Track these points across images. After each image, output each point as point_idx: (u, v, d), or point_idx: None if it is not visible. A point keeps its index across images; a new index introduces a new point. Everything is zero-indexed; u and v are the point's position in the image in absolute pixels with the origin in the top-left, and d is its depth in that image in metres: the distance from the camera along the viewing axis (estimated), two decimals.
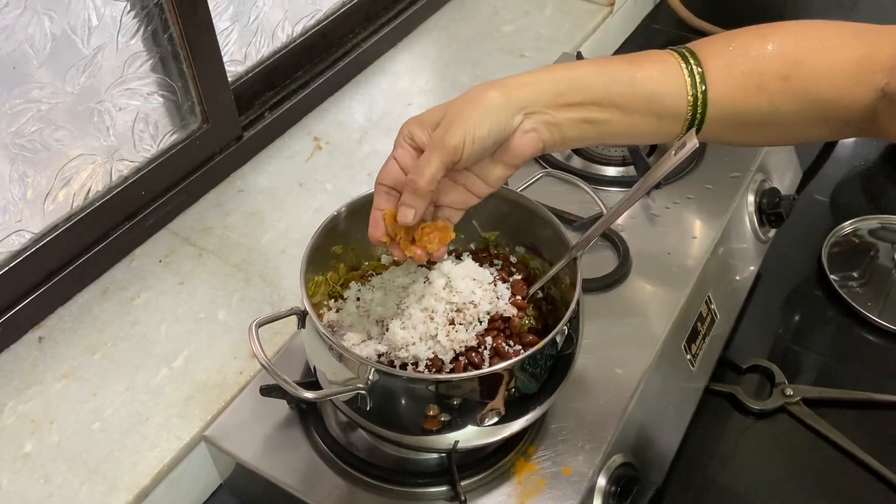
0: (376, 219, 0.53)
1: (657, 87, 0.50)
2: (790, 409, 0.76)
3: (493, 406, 0.51)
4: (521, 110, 0.50)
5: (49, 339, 0.72)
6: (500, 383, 0.50)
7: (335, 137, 0.94)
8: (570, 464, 0.57)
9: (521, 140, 0.50)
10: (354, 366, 0.52)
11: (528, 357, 0.50)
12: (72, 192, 0.73)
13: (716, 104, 0.50)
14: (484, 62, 1.05)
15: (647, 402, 0.63)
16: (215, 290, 0.76)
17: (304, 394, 0.50)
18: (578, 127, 0.51)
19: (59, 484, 0.62)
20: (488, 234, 0.65)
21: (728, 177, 0.80)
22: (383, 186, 0.53)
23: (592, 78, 0.50)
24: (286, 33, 0.94)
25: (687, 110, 0.50)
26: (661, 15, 1.31)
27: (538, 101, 0.50)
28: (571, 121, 0.51)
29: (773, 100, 0.50)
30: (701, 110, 0.50)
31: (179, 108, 0.81)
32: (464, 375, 0.51)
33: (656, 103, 0.50)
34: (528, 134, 0.50)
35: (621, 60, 0.52)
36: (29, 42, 0.64)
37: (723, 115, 0.50)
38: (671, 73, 0.50)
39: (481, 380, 0.50)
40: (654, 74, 0.50)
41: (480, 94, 0.49)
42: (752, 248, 0.81)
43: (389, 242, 0.54)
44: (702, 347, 0.72)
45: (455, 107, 0.50)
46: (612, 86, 0.50)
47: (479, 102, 0.49)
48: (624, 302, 0.69)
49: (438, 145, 0.49)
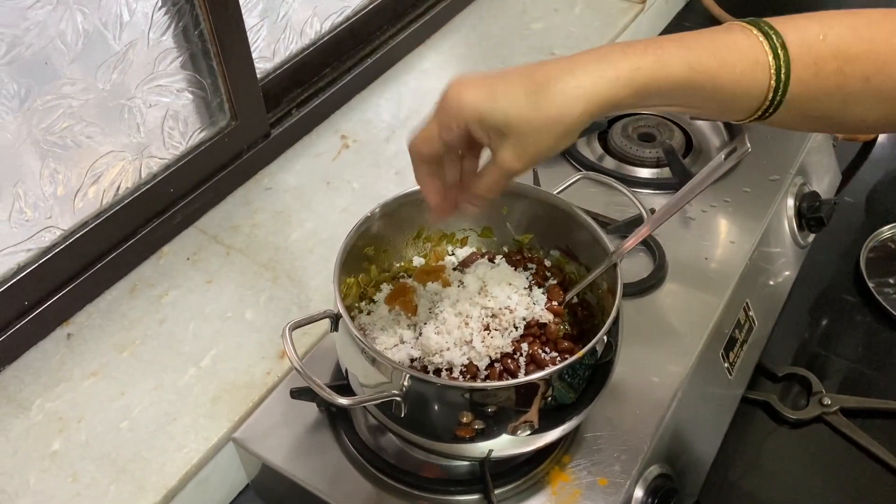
0: (430, 190, 0.51)
1: (739, 90, 0.45)
2: (828, 419, 0.74)
3: (529, 418, 0.50)
4: (596, 116, 0.46)
5: (77, 336, 0.72)
6: (538, 393, 0.49)
7: (362, 136, 0.93)
8: (606, 474, 0.56)
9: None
10: (388, 371, 0.51)
11: (567, 366, 0.49)
12: (101, 188, 0.73)
13: (792, 101, 0.46)
14: (513, 60, 1.03)
15: (684, 412, 0.61)
16: (243, 288, 0.76)
17: (339, 400, 0.49)
18: (636, 107, 0.47)
19: (86, 483, 0.62)
20: (522, 236, 0.64)
21: (767, 180, 0.78)
22: (423, 156, 0.48)
23: (674, 73, 0.44)
24: (314, 30, 0.93)
25: (761, 106, 0.46)
26: (691, 12, 1.28)
27: (614, 102, 0.45)
28: (635, 107, 0.47)
29: (850, 98, 0.46)
30: (775, 108, 0.46)
31: (209, 106, 0.80)
32: (501, 384, 0.49)
33: (733, 103, 0.47)
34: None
35: (706, 49, 0.45)
36: (61, 38, 0.63)
37: (793, 109, 0.47)
38: (757, 71, 0.45)
39: (518, 389, 0.49)
40: (740, 76, 0.45)
41: (564, 112, 0.44)
42: (790, 254, 0.79)
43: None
44: (739, 355, 0.70)
45: (530, 122, 0.44)
46: (692, 87, 0.45)
47: (560, 122, 0.44)
48: (659, 308, 0.67)
49: (504, 169, 0.46)
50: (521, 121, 0.44)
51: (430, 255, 0.65)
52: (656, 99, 0.46)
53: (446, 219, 0.54)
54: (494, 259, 0.62)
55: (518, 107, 0.44)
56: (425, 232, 0.65)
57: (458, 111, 0.45)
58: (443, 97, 0.46)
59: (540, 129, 0.45)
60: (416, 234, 0.65)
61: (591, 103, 0.44)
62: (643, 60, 0.44)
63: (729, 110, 0.48)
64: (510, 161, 0.46)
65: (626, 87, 0.44)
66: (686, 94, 0.45)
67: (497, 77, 0.45)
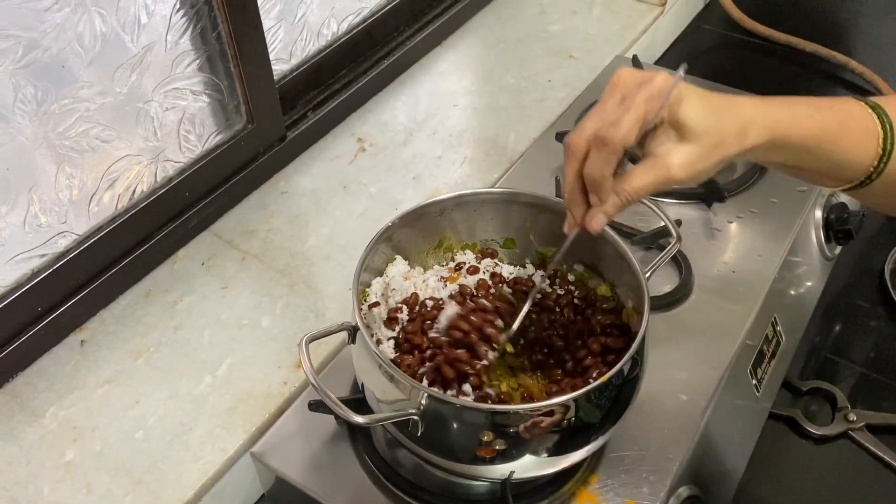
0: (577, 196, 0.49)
1: (853, 154, 0.48)
2: (853, 436, 0.72)
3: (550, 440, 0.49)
4: (749, 156, 0.47)
5: (91, 343, 0.71)
6: (562, 414, 0.48)
7: (379, 139, 0.92)
8: (634, 495, 0.55)
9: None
10: (406, 388, 0.50)
11: (593, 389, 0.47)
12: (117, 193, 0.72)
13: (887, 177, 0.49)
14: (531, 63, 1.02)
15: (712, 431, 0.60)
16: (259, 295, 0.75)
17: (355, 418, 0.48)
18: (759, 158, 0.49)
19: (101, 494, 0.61)
20: (545, 249, 0.63)
21: (794, 191, 0.77)
22: (611, 148, 0.45)
23: (805, 131, 0.47)
24: (331, 31, 0.91)
25: (866, 172, 0.49)
26: (711, 15, 1.26)
27: (752, 147, 0.47)
28: (759, 157, 0.49)
29: None
30: (877, 175, 0.49)
31: (225, 108, 0.79)
32: (524, 407, 0.48)
33: (844, 166, 0.49)
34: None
35: (830, 113, 0.49)
36: (78, 40, 0.62)
37: (889, 182, 0.50)
38: (869, 139, 0.48)
39: (541, 410, 0.48)
40: (856, 141, 0.48)
41: (741, 136, 0.46)
42: (817, 266, 0.78)
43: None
44: (767, 371, 0.68)
45: (711, 134, 0.45)
46: (817, 145, 0.48)
47: (734, 144, 0.45)
48: (686, 322, 0.66)
49: (667, 171, 0.45)
50: (705, 129, 0.45)
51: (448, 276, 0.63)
52: (781, 152, 0.48)
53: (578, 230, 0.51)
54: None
55: (707, 115, 0.45)
56: (446, 241, 0.64)
57: (667, 95, 0.44)
58: (649, 82, 0.45)
59: (717, 144, 0.45)
60: (436, 243, 0.64)
61: (755, 138, 0.46)
62: (781, 114, 0.47)
63: (837, 173, 0.50)
64: (677, 166, 0.45)
65: (767, 133, 0.46)
66: (809, 152, 0.48)
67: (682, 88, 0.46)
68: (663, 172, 0.45)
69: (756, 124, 0.46)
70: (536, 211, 0.61)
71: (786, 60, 1.16)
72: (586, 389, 0.47)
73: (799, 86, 1.12)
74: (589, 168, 0.46)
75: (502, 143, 0.90)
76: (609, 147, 0.44)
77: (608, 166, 0.45)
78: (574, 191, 0.48)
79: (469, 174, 0.87)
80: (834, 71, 1.13)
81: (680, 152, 0.45)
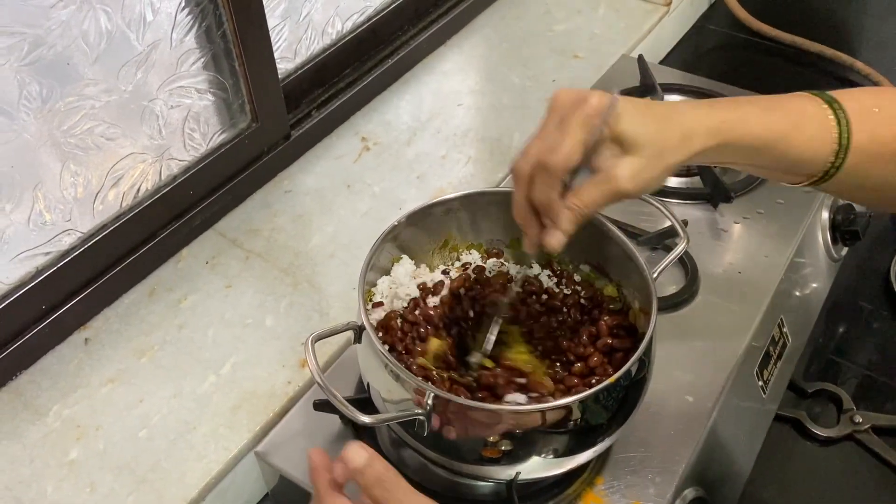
0: (529, 218, 0.50)
1: (807, 152, 0.48)
2: (859, 438, 0.72)
3: (556, 441, 0.49)
4: (691, 161, 0.47)
5: (95, 341, 0.71)
6: (569, 415, 0.48)
7: (383, 138, 0.91)
8: (641, 497, 0.54)
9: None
10: (412, 387, 0.50)
11: (601, 390, 0.47)
12: (121, 191, 0.72)
13: (850, 168, 0.48)
14: (536, 63, 1.01)
15: (719, 432, 0.60)
16: (263, 294, 0.74)
17: (361, 418, 0.48)
18: (710, 160, 0.49)
19: (105, 493, 0.60)
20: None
21: (801, 192, 0.75)
22: (553, 170, 0.46)
23: (753, 131, 0.48)
24: (336, 30, 0.91)
25: (823, 169, 0.49)
26: (716, 15, 1.26)
27: (702, 150, 0.47)
28: (710, 159, 0.49)
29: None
30: (835, 170, 0.49)
31: (229, 107, 0.79)
32: (531, 407, 0.48)
33: (799, 164, 0.49)
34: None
35: (779, 112, 0.49)
36: (84, 38, 0.62)
37: (850, 175, 0.49)
38: (824, 134, 0.48)
39: (548, 411, 0.48)
40: (809, 139, 0.48)
41: (685, 143, 0.46)
42: (823, 267, 0.77)
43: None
44: (773, 373, 0.68)
45: (655, 144, 0.45)
46: (767, 146, 0.48)
47: (679, 151, 0.46)
48: (692, 324, 0.66)
49: (615, 185, 0.46)
50: (646, 140, 0.45)
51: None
52: (731, 153, 0.48)
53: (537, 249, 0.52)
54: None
55: (647, 126, 0.46)
56: (451, 241, 0.64)
57: (605, 113, 0.45)
58: (585, 102, 0.45)
59: (660, 152, 0.46)
60: (442, 243, 0.63)
61: (701, 143, 0.46)
62: (728, 116, 0.47)
63: (793, 171, 0.50)
64: (625, 179, 0.45)
65: (713, 137, 0.47)
66: (759, 152, 0.48)
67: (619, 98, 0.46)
68: (611, 186, 0.46)
69: (701, 129, 0.46)
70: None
71: (791, 61, 1.16)
72: (594, 390, 0.47)
73: (804, 86, 1.12)
74: (535, 193, 0.48)
75: (506, 143, 0.90)
76: (550, 172, 0.46)
77: (553, 190, 0.47)
78: (526, 213, 0.50)
79: (473, 174, 0.87)
80: (839, 72, 1.13)
81: (624, 165, 0.46)
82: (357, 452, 0.42)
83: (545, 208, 0.48)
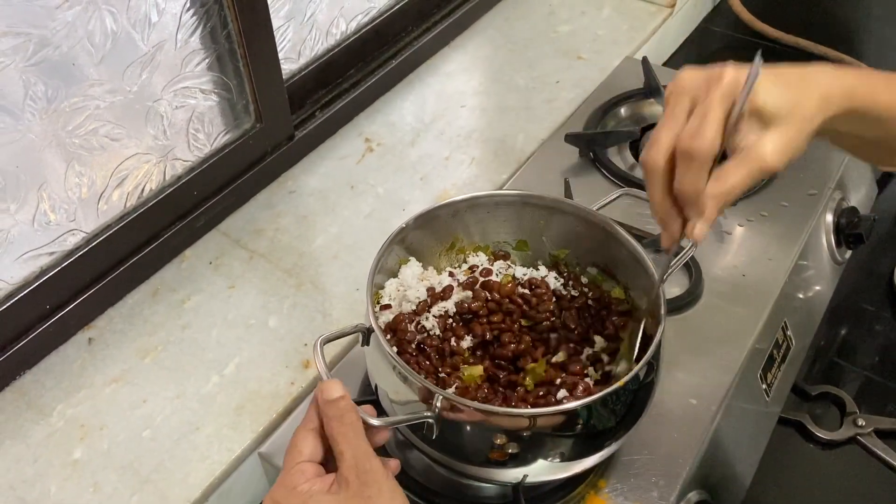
0: (670, 212, 0.46)
1: None
2: (862, 441, 0.72)
3: (563, 445, 0.48)
4: (827, 126, 0.45)
5: (99, 341, 0.71)
6: (576, 419, 0.48)
7: (387, 139, 0.91)
8: (644, 500, 0.55)
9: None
10: (420, 390, 0.50)
11: (609, 393, 0.47)
12: (126, 191, 0.72)
13: None
14: (540, 63, 1.01)
15: (722, 436, 0.60)
16: (266, 295, 0.75)
17: (371, 421, 0.47)
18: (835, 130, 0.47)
19: (109, 494, 0.60)
20: (558, 251, 0.62)
21: (805, 194, 0.76)
22: (699, 160, 0.43)
23: (881, 99, 0.46)
24: (340, 30, 0.91)
25: None
26: (719, 16, 1.26)
27: (832, 116, 0.45)
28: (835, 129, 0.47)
29: None
30: None
31: (234, 107, 0.79)
32: (538, 411, 0.48)
33: None
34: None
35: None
36: (89, 38, 0.62)
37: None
38: None
39: (556, 415, 0.48)
40: None
41: (824, 104, 0.43)
42: (827, 270, 0.77)
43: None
44: (777, 376, 0.68)
45: (795, 113, 0.42)
46: (886, 124, 0.46)
47: (819, 114, 0.43)
48: (696, 327, 0.66)
49: (762, 162, 0.42)
50: (790, 109, 0.43)
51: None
52: (857, 122, 0.46)
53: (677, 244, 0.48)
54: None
55: (786, 95, 0.43)
56: (458, 243, 0.64)
57: (744, 89, 0.42)
58: (719, 80, 0.43)
59: (804, 120, 0.43)
60: (449, 245, 0.63)
61: (837, 105, 0.44)
62: (857, 81, 0.45)
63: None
64: (773, 155, 0.42)
65: (847, 100, 0.44)
66: (884, 123, 0.46)
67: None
68: (757, 164, 0.42)
69: (837, 91, 0.44)
70: (549, 213, 0.60)
71: (795, 63, 1.15)
72: (602, 394, 0.47)
73: None
74: (680, 185, 0.44)
75: (510, 144, 0.90)
76: (698, 160, 0.42)
77: (700, 180, 0.43)
78: (666, 208, 0.45)
79: (477, 175, 0.86)
80: None
81: (770, 139, 0.42)
82: (332, 386, 0.45)
83: (692, 199, 0.43)
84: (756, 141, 0.43)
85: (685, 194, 0.44)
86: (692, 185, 0.43)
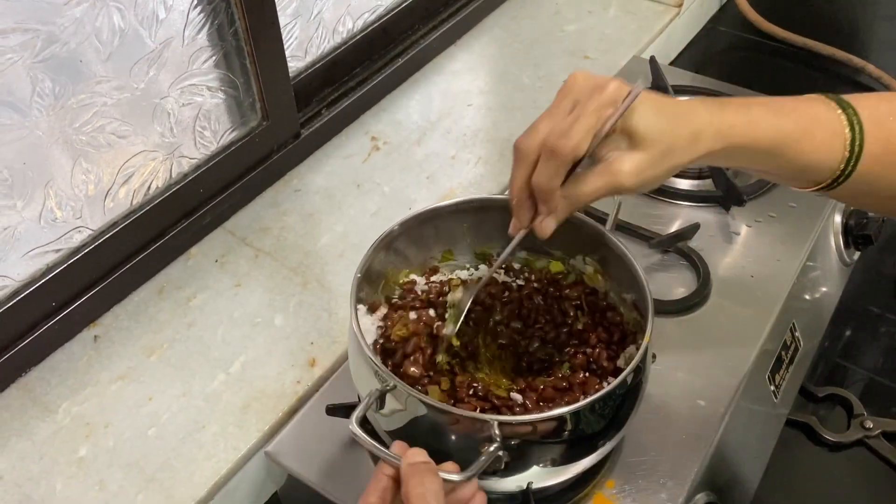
0: (524, 202, 0.48)
1: (816, 159, 0.47)
2: (869, 443, 0.72)
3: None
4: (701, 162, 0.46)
5: (104, 339, 0.71)
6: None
7: (393, 137, 0.91)
8: (652, 501, 0.54)
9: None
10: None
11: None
12: (132, 188, 0.72)
13: (861, 175, 0.48)
14: (546, 63, 1.01)
15: (730, 437, 0.59)
16: (272, 293, 0.74)
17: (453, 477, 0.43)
18: (719, 162, 0.49)
19: (114, 492, 0.60)
20: (482, 248, 0.62)
21: (813, 195, 0.76)
22: (562, 158, 0.44)
23: (762, 136, 0.46)
24: (346, 28, 0.91)
25: (832, 176, 0.48)
26: (726, 16, 1.25)
27: (711, 152, 0.46)
28: (719, 161, 0.49)
29: None
30: (845, 178, 0.48)
31: (240, 105, 0.79)
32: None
33: (808, 170, 0.48)
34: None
35: (790, 116, 0.47)
36: (97, 35, 0.62)
37: (861, 183, 0.48)
38: (835, 141, 0.47)
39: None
40: (819, 145, 0.47)
41: (693, 143, 0.45)
42: (836, 272, 0.77)
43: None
44: (785, 378, 0.68)
45: (664, 142, 0.44)
46: (776, 151, 0.47)
47: (687, 152, 0.45)
48: (704, 328, 0.65)
49: (615, 179, 0.44)
50: (656, 137, 0.44)
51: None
52: (738, 157, 0.47)
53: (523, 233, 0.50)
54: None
55: (658, 123, 0.44)
56: (392, 276, 0.62)
57: (621, 104, 0.43)
58: (602, 90, 0.44)
59: (668, 152, 0.44)
60: (382, 284, 0.61)
61: (708, 145, 0.45)
62: (737, 119, 0.46)
63: (802, 177, 0.49)
64: (628, 175, 0.44)
65: (720, 140, 0.45)
66: (768, 157, 0.47)
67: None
68: (612, 179, 0.44)
69: (710, 131, 0.45)
70: (469, 215, 0.60)
71: (802, 63, 1.15)
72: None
73: (815, 89, 1.11)
74: (537, 178, 0.45)
75: None
76: (558, 159, 0.44)
77: (557, 177, 0.45)
78: (522, 196, 0.47)
79: (483, 174, 0.86)
80: (850, 74, 1.12)
81: (630, 159, 0.44)
82: (418, 452, 0.42)
83: (545, 194, 0.46)
84: (617, 157, 0.44)
85: (540, 188, 0.46)
86: (548, 180, 0.45)
